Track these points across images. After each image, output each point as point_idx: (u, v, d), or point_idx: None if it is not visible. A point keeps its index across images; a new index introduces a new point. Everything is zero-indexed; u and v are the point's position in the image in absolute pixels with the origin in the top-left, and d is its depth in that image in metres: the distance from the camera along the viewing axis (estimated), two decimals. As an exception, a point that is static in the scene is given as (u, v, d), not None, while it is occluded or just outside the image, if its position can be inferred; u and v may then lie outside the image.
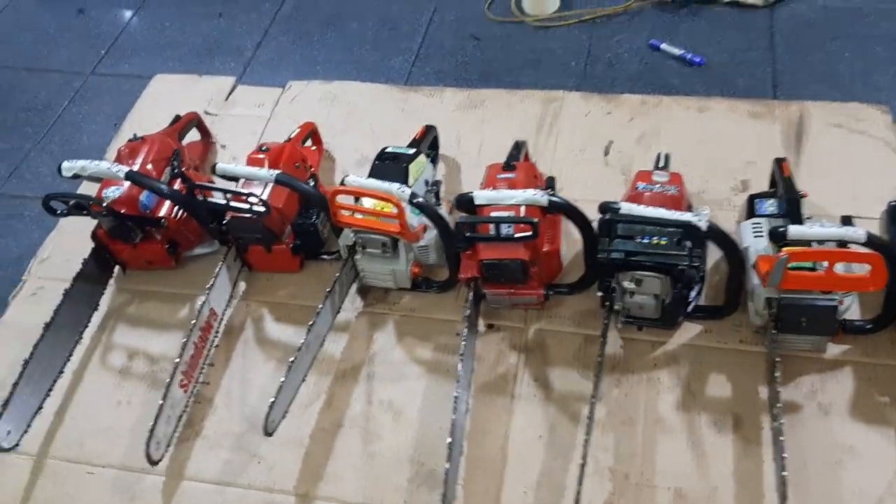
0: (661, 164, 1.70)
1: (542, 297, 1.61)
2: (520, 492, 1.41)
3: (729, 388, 1.49)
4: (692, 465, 1.40)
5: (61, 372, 1.64)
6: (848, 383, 1.46)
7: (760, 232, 1.51)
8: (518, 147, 1.83)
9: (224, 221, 1.69)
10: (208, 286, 1.65)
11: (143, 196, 1.72)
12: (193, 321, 1.59)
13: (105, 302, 1.79)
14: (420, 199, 1.55)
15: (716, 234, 1.40)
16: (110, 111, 2.30)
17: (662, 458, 1.42)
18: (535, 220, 1.46)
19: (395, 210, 1.53)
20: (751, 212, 1.61)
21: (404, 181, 1.65)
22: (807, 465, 1.37)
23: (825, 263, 1.33)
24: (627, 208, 1.42)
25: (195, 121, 2.06)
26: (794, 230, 1.36)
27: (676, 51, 2.12)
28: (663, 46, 2.14)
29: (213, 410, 1.59)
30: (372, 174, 1.67)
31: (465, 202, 1.53)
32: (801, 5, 2.21)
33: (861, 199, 1.72)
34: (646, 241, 1.45)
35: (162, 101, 2.26)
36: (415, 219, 1.62)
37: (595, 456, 1.43)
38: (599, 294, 1.55)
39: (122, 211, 1.69)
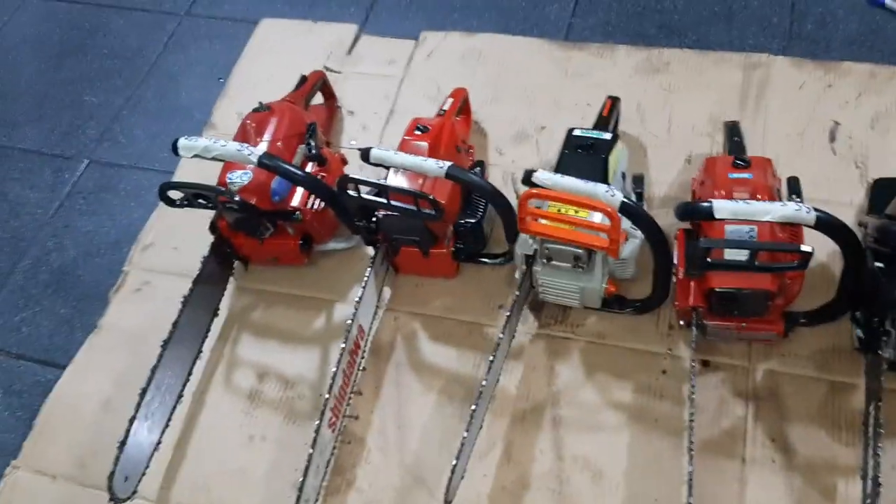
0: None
1: (783, 334, 1.27)
2: None
3: None
4: None
5: (181, 396, 1.37)
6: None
7: None
8: (733, 131, 1.47)
9: (374, 219, 1.38)
10: (357, 298, 1.34)
11: (275, 182, 1.41)
12: (343, 344, 1.29)
13: (225, 305, 1.50)
14: (635, 207, 1.21)
15: None
16: (211, 62, 1.97)
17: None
18: (807, 250, 1.12)
19: (606, 222, 1.20)
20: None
21: (604, 178, 1.31)
22: None
23: None
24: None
25: (323, 81, 1.72)
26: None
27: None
28: (888, 2, 1.73)
29: (366, 455, 1.31)
30: (561, 167, 1.34)
31: (701, 214, 1.18)
32: None
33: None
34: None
35: (273, 52, 1.92)
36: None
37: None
38: (857, 334, 1.22)
39: (254, 202, 1.39)
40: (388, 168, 1.37)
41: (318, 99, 1.75)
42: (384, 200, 1.31)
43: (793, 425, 1.24)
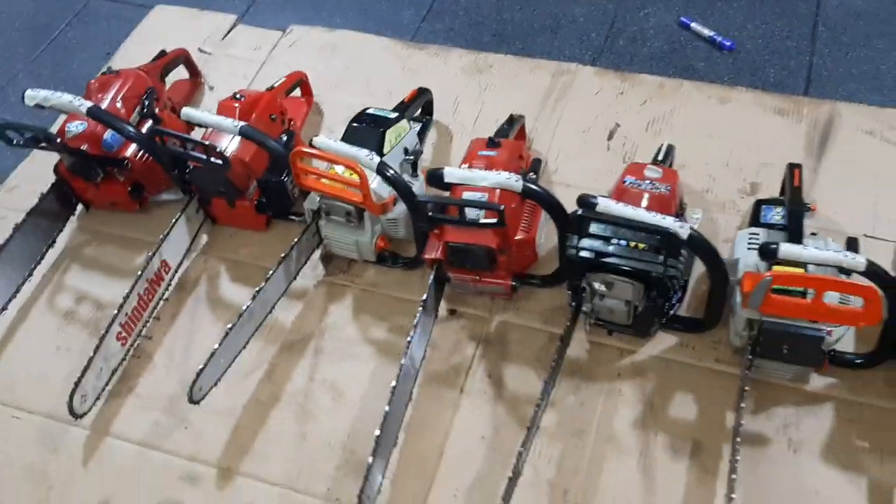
0: (661, 157, 1.55)
1: (510, 288, 1.49)
2: (450, 494, 1.31)
3: (695, 410, 1.36)
4: (638, 489, 1.28)
5: (5, 307, 1.58)
6: (826, 421, 1.32)
7: (756, 244, 1.37)
8: (511, 122, 1.69)
9: (187, 171, 1.60)
10: (162, 235, 1.56)
11: (108, 134, 1.62)
12: (140, 271, 1.51)
13: (63, 240, 1.72)
14: (390, 171, 1.43)
15: (697, 245, 1.26)
16: (105, 38, 2.21)
17: (608, 477, 1.30)
18: (502, 207, 1.34)
19: (358, 179, 1.42)
20: (755, 218, 1.47)
21: (379, 148, 1.53)
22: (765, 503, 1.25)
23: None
24: (605, 205, 1.28)
25: (182, 58, 1.96)
26: (785, 249, 1.21)
27: (707, 31, 1.94)
28: (693, 25, 1.96)
29: (151, 368, 1.52)
30: (345, 137, 1.56)
31: (435, 179, 1.41)
32: (851, -6, 2.01)
33: (882, 219, 1.55)
34: (622, 242, 1.31)
35: (158, 33, 2.16)
36: (385, 189, 1.50)
37: (536, 466, 1.32)
38: (568, 292, 1.43)
39: (83, 148, 1.61)
40: (203, 127, 1.59)
41: (186, 74, 1.99)
42: (184, 150, 1.53)
43: (509, 366, 1.45)
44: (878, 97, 1.76)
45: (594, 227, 1.33)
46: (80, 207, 1.76)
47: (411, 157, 1.60)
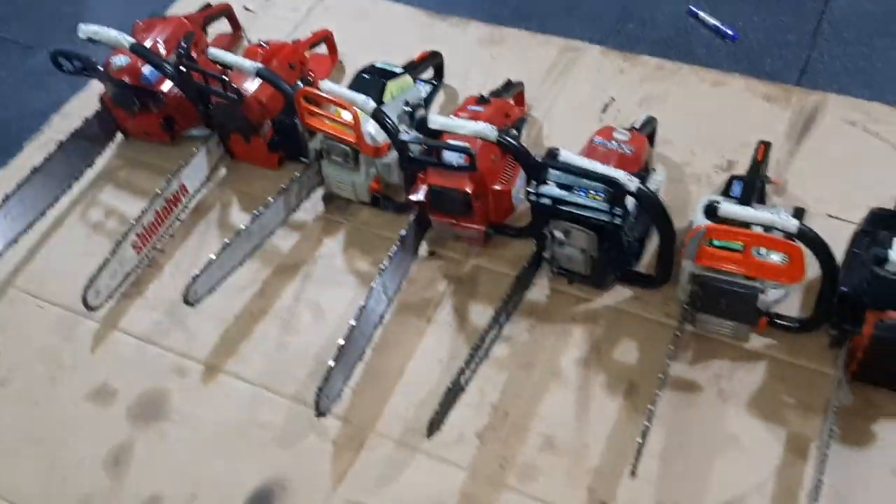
0: (637, 125, 1.65)
1: (483, 234, 1.62)
2: (403, 406, 1.45)
3: (636, 356, 1.46)
4: (572, 418, 1.40)
5: (43, 213, 1.79)
6: (758, 377, 1.41)
7: (711, 208, 1.47)
8: (508, 86, 1.82)
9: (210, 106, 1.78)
10: (183, 161, 1.75)
11: (147, 70, 1.82)
12: (160, 191, 1.70)
13: (101, 162, 1.92)
14: (382, 114, 1.58)
15: (644, 198, 1.37)
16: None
17: (546, 405, 1.42)
18: (472, 150, 1.47)
19: (352, 119, 1.57)
20: (725, 191, 1.56)
21: (379, 96, 1.67)
22: (684, 446, 1.35)
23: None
24: (566, 156, 1.40)
25: (226, 12, 2.15)
26: (725, 208, 1.31)
27: (712, 20, 2.03)
28: (701, 14, 2.05)
29: (160, 276, 1.70)
30: (351, 84, 1.71)
31: (421, 123, 1.55)
32: (860, -7, 2.06)
33: (850, 202, 1.62)
34: (582, 193, 1.43)
35: (209, -9, 2.35)
36: (382, 135, 1.65)
37: (483, 389, 1.45)
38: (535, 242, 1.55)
39: (124, 79, 1.80)
40: (226, 67, 1.77)
41: (229, 28, 2.18)
42: (213, 88, 1.71)
43: (475, 304, 1.58)
44: (867, 91, 1.82)
45: (560, 178, 1.45)
46: (119, 136, 1.96)
47: (410, 109, 1.74)
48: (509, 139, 1.48)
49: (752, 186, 1.45)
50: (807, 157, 1.72)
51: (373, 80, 1.70)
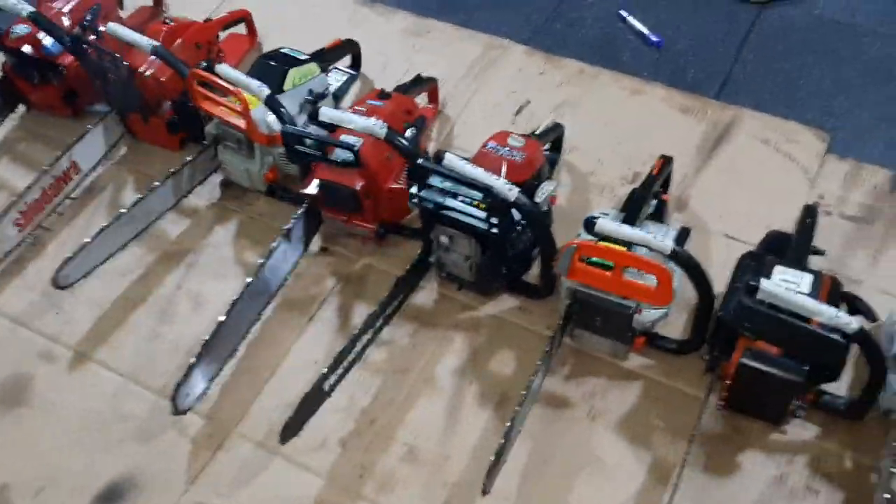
0: (538, 131, 1.61)
1: (374, 233, 1.58)
2: (271, 406, 1.41)
3: (512, 367, 1.43)
4: (439, 429, 1.37)
5: (-73, 184, 1.72)
6: (631, 397, 1.38)
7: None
8: (417, 82, 1.77)
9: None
10: (75, 138, 1.69)
11: (50, 41, 1.75)
12: (46, 167, 1.64)
13: (1, 133, 1.86)
14: (276, 102, 1.53)
15: (523, 208, 1.33)
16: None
17: (415, 414, 1.39)
18: (356, 146, 1.43)
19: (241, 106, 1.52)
20: (625, 204, 1.52)
21: (278, 83, 1.62)
22: (547, 463, 1.32)
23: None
24: (449, 160, 1.36)
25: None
26: (602, 224, 1.27)
27: (639, 26, 1.98)
28: (629, 18, 2.01)
29: (43, 256, 1.65)
30: (251, 69, 1.66)
31: (312, 115, 1.50)
32: (795, 9, 2.01)
33: (752, 223, 1.59)
34: (467, 200, 1.39)
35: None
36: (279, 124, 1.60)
37: (354, 395, 1.41)
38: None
39: (22, 49, 1.74)
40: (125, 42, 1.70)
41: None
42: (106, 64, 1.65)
43: (360, 304, 1.54)
44: (786, 110, 1.78)
45: (447, 183, 1.40)
46: (22, 108, 1.90)
47: (312, 99, 1.69)
48: (398, 138, 1.43)
49: (641, 202, 1.41)
50: (715, 174, 1.69)
51: (274, 67, 1.64)
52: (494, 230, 1.34)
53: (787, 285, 1.25)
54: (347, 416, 1.39)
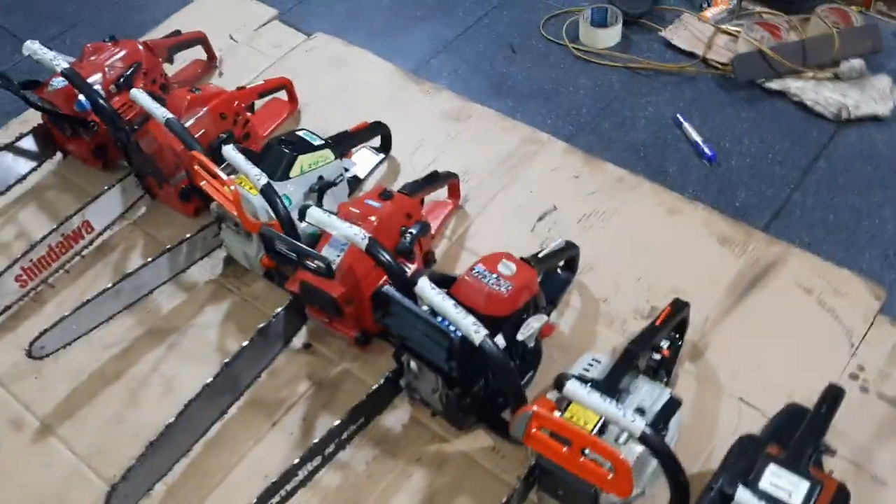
0: (543, 253, 1.48)
1: (354, 340, 1.49)
2: (212, 517, 1.35)
3: (468, 517, 1.31)
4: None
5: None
6: (588, 579, 1.23)
7: (587, 370, 1.29)
8: (433, 178, 1.67)
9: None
10: (90, 198, 1.70)
11: (83, 97, 1.77)
12: (56, 225, 1.66)
13: (35, 177, 1.89)
14: (272, 193, 1.47)
15: (488, 355, 1.20)
16: (166, 9, 2.36)
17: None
18: (328, 260, 1.34)
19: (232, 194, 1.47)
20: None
21: (284, 170, 1.57)
22: None
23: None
24: (422, 286, 1.25)
25: (200, 40, 2.08)
26: (571, 387, 1.13)
27: (695, 135, 1.81)
28: (685, 125, 1.84)
29: (39, 315, 1.65)
30: (261, 153, 1.61)
31: (301, 214, 1.44)
32: (879, 133, 1.78)
33: (770, 388, 1.40)
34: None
35: (202, 15, 2.30)
36: (278, 211, 1.54)
37: (290, 523, 1.32)
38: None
39: (55, 105, 1.77)
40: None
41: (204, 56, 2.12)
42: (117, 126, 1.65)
43: (327, 415, 1.45)
44: (840, 253, 1.57)
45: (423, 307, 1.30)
46: (59, 156, 1.94)
47: (318, 188, 1.62)
48: (379, 251, 1.34)
49: (629, 359, 1.26)
50: (742, 322, 1.50)
51: (282, 152, 1.59)
52: (454, 372, 1.23)
53: (775, 492, 1.08)
54: (280, 545, 1.31)
